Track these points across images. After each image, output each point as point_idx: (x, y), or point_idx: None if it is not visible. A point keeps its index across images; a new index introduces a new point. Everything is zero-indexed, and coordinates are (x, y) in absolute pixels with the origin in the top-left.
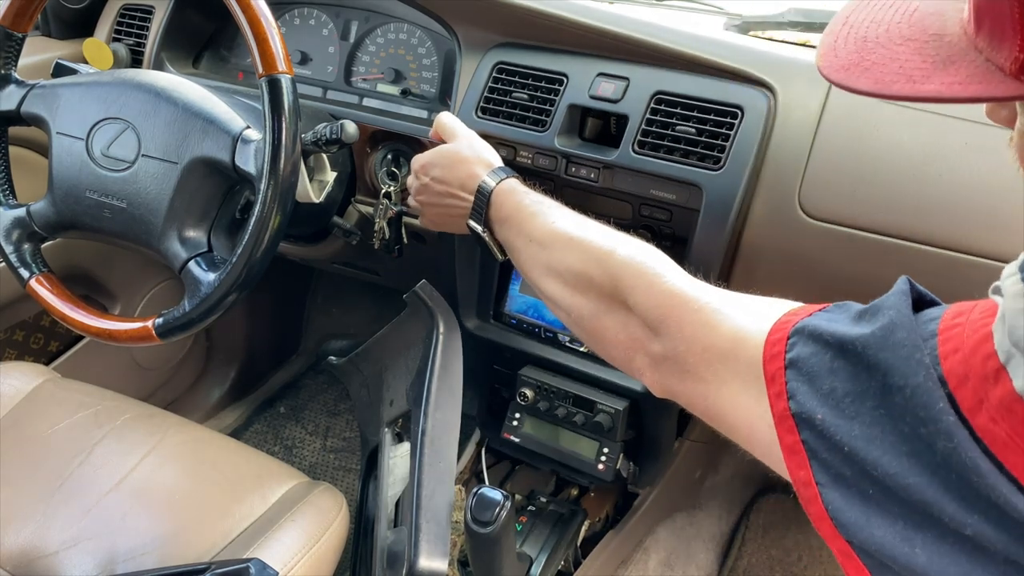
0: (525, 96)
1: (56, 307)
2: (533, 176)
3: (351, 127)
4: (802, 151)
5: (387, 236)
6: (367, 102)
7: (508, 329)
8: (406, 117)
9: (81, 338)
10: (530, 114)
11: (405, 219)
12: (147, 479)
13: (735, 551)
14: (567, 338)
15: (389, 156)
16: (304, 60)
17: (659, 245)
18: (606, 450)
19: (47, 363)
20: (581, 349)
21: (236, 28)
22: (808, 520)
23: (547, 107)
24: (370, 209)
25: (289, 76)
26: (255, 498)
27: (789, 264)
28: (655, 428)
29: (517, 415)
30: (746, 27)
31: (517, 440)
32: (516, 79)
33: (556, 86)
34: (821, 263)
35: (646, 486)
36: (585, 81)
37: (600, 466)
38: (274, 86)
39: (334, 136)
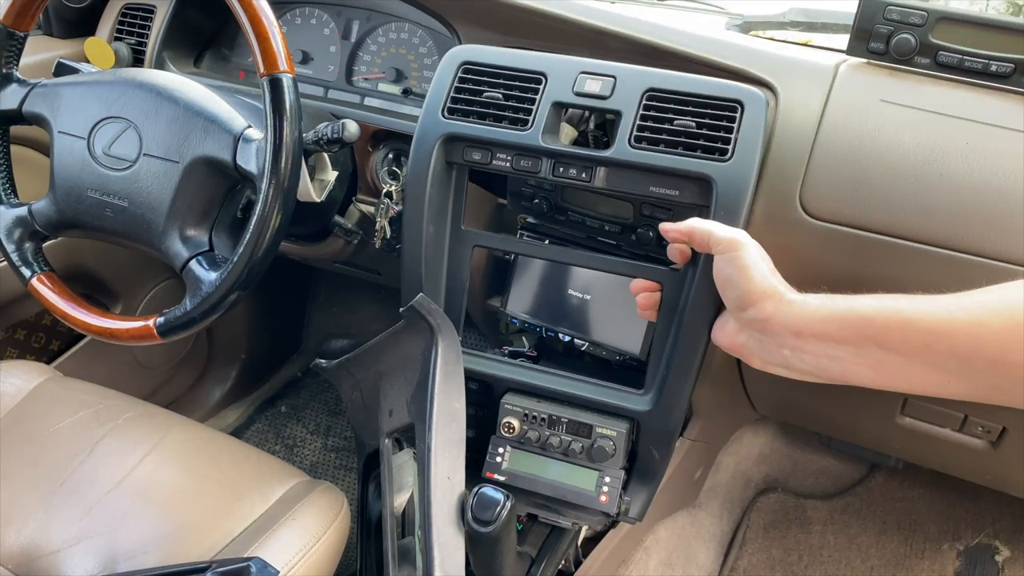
0: (499, 95)
1: (57, 306)
2: (516, 181)
3: (352, 126)
4: (803, 151)
5: (388, 235)
6: (368, 101)
7: (475, 354)
8: (407, 116)
9: (82, 337)
10: (507, 113)
11: None
12: (148, 478)
13: (735, 551)
14: (568, 338)
15: (390, 155)
16: (305, 59)
17: (659, 245)
18: (608, 479)
19: (48, 362)
20: (567, 374)
21: (237, 27)
22: (808, 520)
23: (527, 106)
24: (371, 208)
25: (291, 75)
26: (256, 497)
27: (790, 263)
28: (651, 454)
29: (500, 450)
30: (747, 27)
31: (502, 479)
32: (485, 78)
33: (535, 84)
34: (822, 262)
35: (635, 520)
36: (567, 80)
37: (602, 497)
38: (275, 85)
39: (335, 135)
